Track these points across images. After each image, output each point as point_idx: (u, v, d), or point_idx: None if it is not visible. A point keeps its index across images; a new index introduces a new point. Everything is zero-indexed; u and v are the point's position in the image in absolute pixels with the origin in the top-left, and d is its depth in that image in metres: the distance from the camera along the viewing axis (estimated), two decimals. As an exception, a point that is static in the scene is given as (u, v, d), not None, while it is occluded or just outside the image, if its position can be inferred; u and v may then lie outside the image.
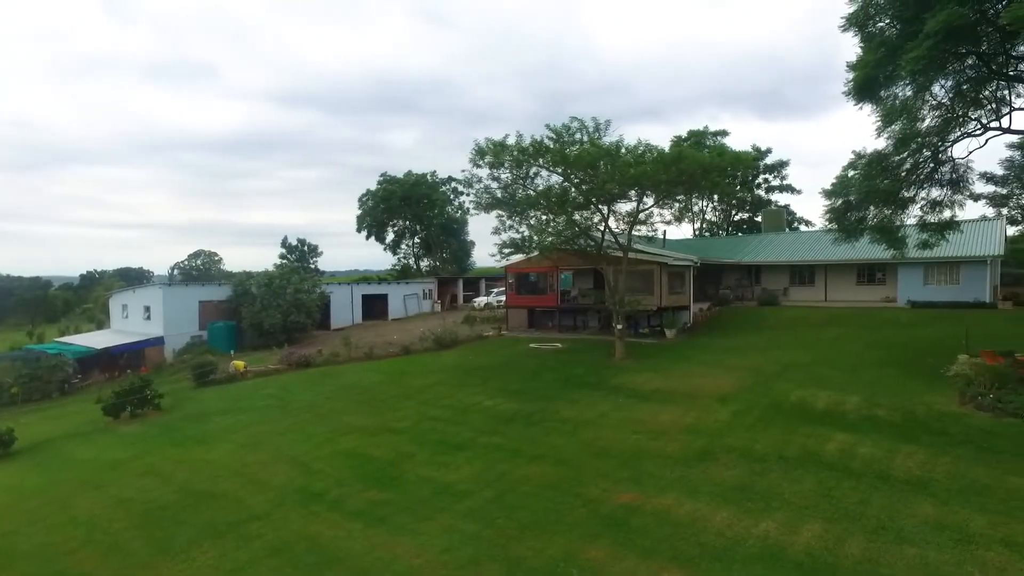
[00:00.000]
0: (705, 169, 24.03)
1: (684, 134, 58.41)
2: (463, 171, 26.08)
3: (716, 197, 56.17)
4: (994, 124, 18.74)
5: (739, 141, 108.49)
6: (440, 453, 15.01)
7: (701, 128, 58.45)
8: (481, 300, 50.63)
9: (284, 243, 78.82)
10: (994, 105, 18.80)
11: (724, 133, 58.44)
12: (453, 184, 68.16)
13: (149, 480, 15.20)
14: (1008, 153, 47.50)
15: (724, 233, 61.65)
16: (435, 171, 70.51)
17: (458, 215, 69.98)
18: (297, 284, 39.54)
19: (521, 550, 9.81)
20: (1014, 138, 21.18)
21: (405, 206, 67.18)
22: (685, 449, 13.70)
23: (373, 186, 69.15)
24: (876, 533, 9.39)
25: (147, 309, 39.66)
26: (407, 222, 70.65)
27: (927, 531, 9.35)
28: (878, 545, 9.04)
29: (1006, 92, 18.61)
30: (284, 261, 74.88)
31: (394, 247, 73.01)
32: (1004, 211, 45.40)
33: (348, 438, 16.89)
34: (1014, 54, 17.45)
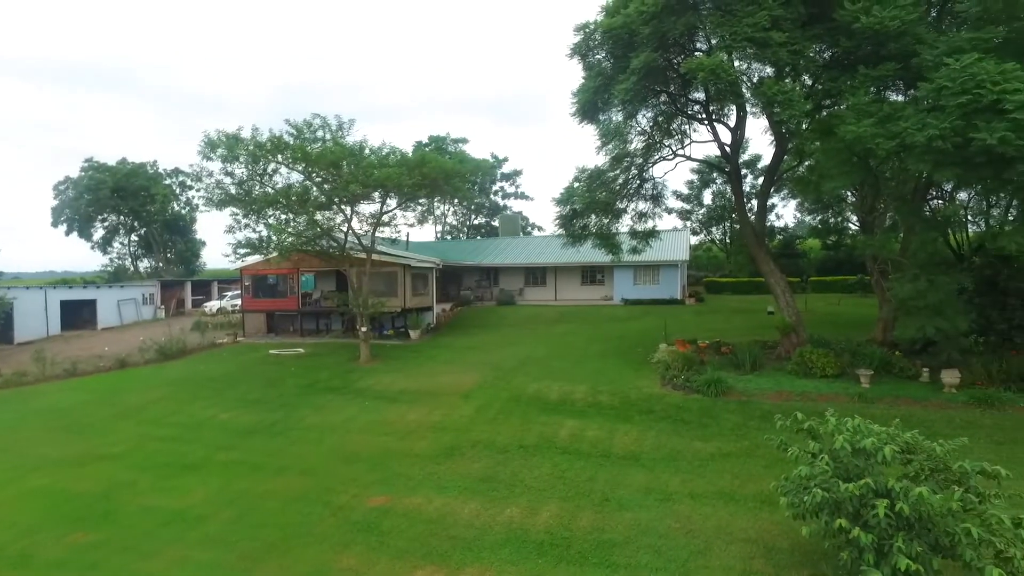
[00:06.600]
0: (447, 174, 24.84)
1: (426, 139, 59.89)
2: (192, 165, 23.36)
3: (457, 201, 58.60)
4: (681, 152, 22.69)
5: (478, 148, 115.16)
6: (167, 477, 13.16)
7: (443, 135, 60.50)
8: (213, 305, 46.11)
9: (-59, 237, 61.98)
10: (680, 136, 22.75)
11: (464, 140, 61.26)
12: (180, 177, 60.92)
13: None
14: (691, 176, 57.77)
15: (464, 236, 64.58)
16: (156, 161, 62.42)
17: (186, 211, 62.67)
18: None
19: (268, 572, 9.01)
20: (694, 164, 25.99)
21: (119, 199, 58.01)
22: (433, 447, 13.93)
23: (75, 173, 58.38)
24: (602, 505, 10.58)
25: None
26: (121, 217, 61.05)
27: (639, 496, 10.83)
28: (603, 515, 10.19)
29: (687, 127, 22.67)
30: (-59, 261, 58.88)
31: (104, 245, 62.57)
32: (688, 223, 55.73)
33: (41, 473, 13.84)
34: (691, 97, 21.33)
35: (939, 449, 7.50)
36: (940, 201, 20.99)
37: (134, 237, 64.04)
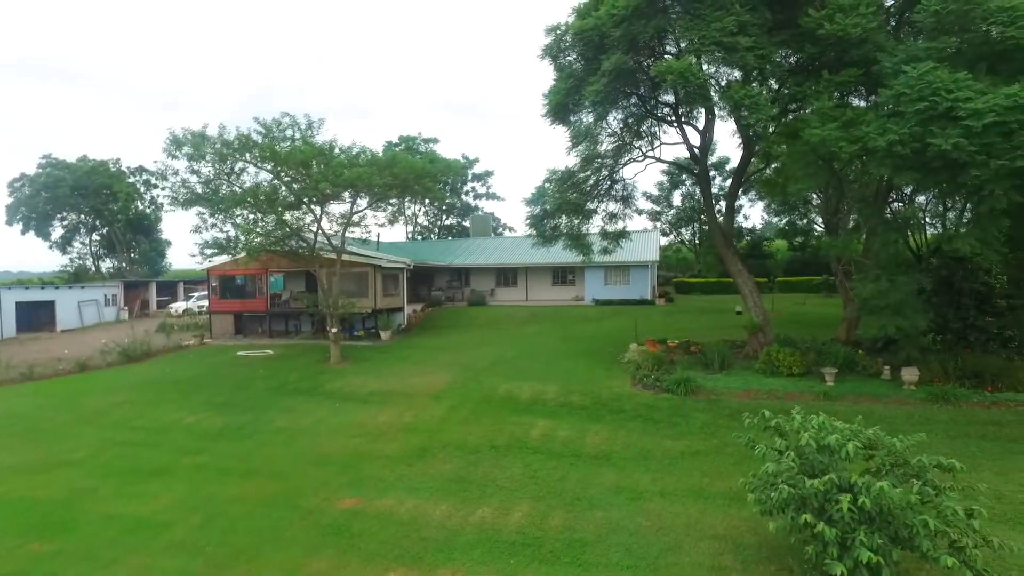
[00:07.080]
0: (418, 174, 24.75)
1: (396, 139, 59.53)
2: (156, 162, 22.87)
3: (428, 202, 58.36)
4: (651, 153, 22.94)
5: (449, 149, 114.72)
6: (131, 483, 12.84)
7: (414, 135, 60.21)
8: (179, 306, 45.28)
9: None
10: (650, 138, 23.01)
11: (435, 140, 60.99)
12: (145, 176, 59.47)
13: None
14: (660, 178, 58.47)
15: (435, 237, 64.28)
16: (119, 159, 60.69)
17: (150, 211, 61.24)
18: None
19: (233, 578, 8.85)
20: (663, 166, 26.39)
21: (79, 197, 56.22)
22: (404, 448, 13.85)
23: (31, 169, 56.48)
24: (573, 504, 10.65)
25: None
26: (82, 216, 59.30)
27: (610, 495, 10.93)
28: (575, 514, 10.26)
29: (657, 129, 22.94)
30: None
31: (63, 245, 60.68)
32: (658, 224, 56.41)
33: (-7, 483, 13.38)
34: (661, 100, 21.60)
35: (899, 444, 7.74)
36: (900, 204, 21.61)
37: (96, 236, 62.33)
